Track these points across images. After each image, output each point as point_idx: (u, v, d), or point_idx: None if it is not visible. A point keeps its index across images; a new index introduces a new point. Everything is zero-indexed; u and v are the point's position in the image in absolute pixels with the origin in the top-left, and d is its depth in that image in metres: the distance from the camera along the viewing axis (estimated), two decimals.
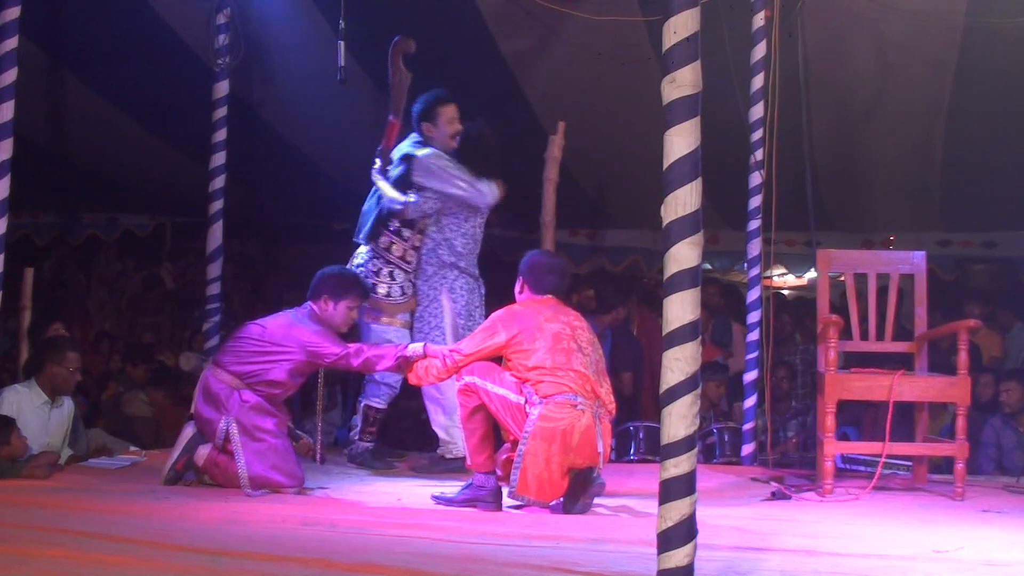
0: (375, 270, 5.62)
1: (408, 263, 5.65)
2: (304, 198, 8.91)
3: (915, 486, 5.43)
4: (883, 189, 7.92)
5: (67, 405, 5.55)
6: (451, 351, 4.65)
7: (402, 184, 5.54)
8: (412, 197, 5.51)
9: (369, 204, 5.71)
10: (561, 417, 4.35)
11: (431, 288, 5.67)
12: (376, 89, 6.98)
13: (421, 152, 5.58)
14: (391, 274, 5.63)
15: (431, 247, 5.69)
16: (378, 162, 5.57)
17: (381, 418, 5.75)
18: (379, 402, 5.69)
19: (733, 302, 8.26)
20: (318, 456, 5.56)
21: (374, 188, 5.67)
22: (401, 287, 5.64)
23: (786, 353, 7.49)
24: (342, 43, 5.57)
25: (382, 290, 5.61)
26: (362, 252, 5.70)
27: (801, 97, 6.02)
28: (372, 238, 5.63)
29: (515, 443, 4.47)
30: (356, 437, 5.73)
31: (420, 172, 5.55)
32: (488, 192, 5.59)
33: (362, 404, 5.73)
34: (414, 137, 5.67)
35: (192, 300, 8.54)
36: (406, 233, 5.63)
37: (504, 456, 4.62)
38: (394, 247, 5.62)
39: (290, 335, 4.82)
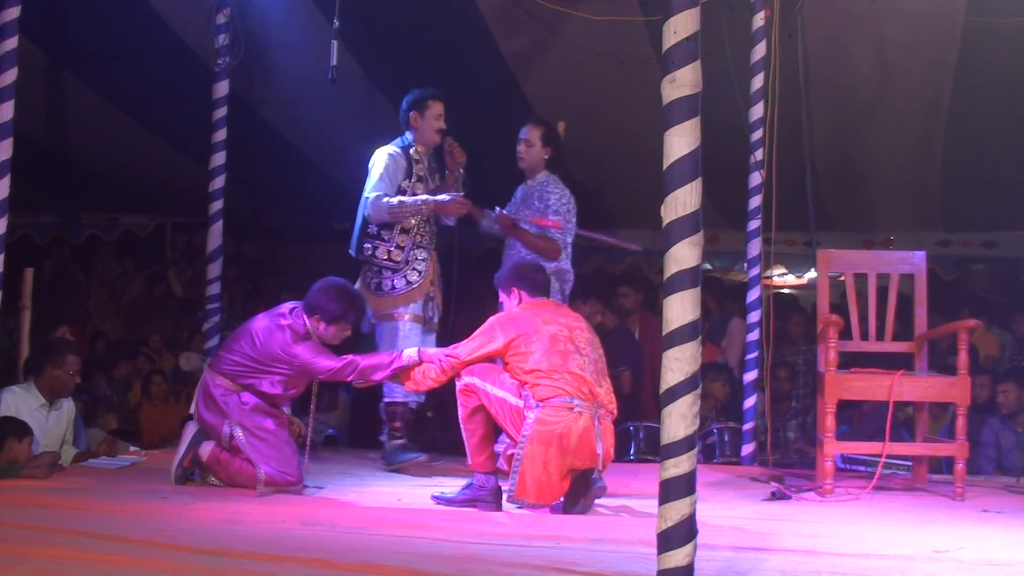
0: (374, 277, 5.55)
1: (396, 262, 5.54)
2: (304, 198, 8.91)
3: (915, 486, 5.44)
4: (883, 189, 7.92)
5: (65, 407, 5.53)
6: (447, 355, 4.62)
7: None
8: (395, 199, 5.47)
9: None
10: (557, 420, 4.33)
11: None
12: (375, 89, 7.01)
13: (380, 149, 5.57)
14: (380, 271, 5.54)
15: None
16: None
17: (406, 414, 5.58)
18: (399, 396, 5.51)
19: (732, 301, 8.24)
20: (306, 452, 5.48)
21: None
22: (405, 277, 5.54)
23: (788, 353, 7.49)
24: (335, 43, 5.57)
25: (387, 285, 5.52)
26: (361, 271, 5.65)
27: (801, 97, 6.02)
28: (359, 250, 5.58)
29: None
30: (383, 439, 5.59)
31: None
32: (373, 208, 5.42)
33: (384, 403, 5.57)
34: (397, 141, 5.64)
35: (196, 302, 8.53)
36: (385, 234, 5.55)
37: (511, 451, 4.58)
38: (378, 251, 5.54)
39: (282, 351, 4.75)
